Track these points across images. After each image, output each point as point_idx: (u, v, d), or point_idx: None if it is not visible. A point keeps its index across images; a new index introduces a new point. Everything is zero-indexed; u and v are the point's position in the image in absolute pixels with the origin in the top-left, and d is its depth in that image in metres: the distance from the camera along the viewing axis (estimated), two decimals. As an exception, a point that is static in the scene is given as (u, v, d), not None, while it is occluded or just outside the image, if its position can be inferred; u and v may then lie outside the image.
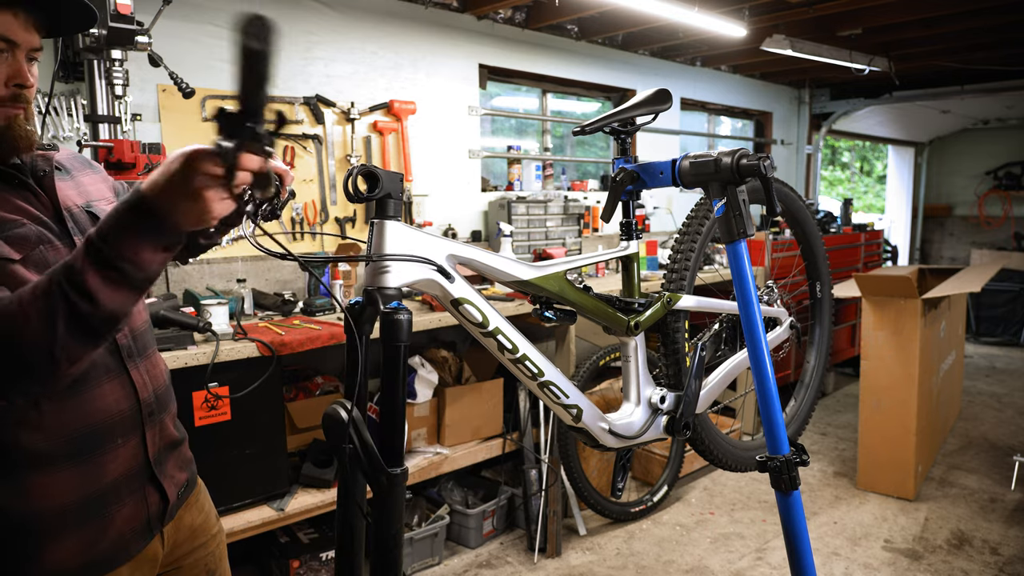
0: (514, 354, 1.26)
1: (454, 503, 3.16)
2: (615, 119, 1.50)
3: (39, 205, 1.05)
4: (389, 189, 1.06)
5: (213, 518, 1.38)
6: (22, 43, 0.99)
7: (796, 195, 1.87)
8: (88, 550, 1.07)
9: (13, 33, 0.97)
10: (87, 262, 0.85)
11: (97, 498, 1.08)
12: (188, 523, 1.29)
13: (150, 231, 0.86)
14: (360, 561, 1.13)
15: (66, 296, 0.84)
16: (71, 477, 1.04)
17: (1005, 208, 8.16)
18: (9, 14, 0.97)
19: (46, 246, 1.01)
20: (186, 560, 1.30)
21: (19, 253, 0.96)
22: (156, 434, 1.17)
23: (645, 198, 4.85)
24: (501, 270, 1.27)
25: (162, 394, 1.20)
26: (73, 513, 1.05)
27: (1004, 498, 3.54)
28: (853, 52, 4.94)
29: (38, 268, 0.97)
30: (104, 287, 0.85)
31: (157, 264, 0.89)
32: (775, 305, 1.87)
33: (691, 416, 1.54)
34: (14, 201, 1.02)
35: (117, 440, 1.09)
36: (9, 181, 1.03)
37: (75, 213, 1.11)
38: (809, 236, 1.96)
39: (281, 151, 3.07)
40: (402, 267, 1.09)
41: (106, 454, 1.08)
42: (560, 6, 3.78)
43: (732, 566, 2.96)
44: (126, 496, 1.12)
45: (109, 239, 0.85)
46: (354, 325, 1.09)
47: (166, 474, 1.20)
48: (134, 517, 1.14)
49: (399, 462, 1.04)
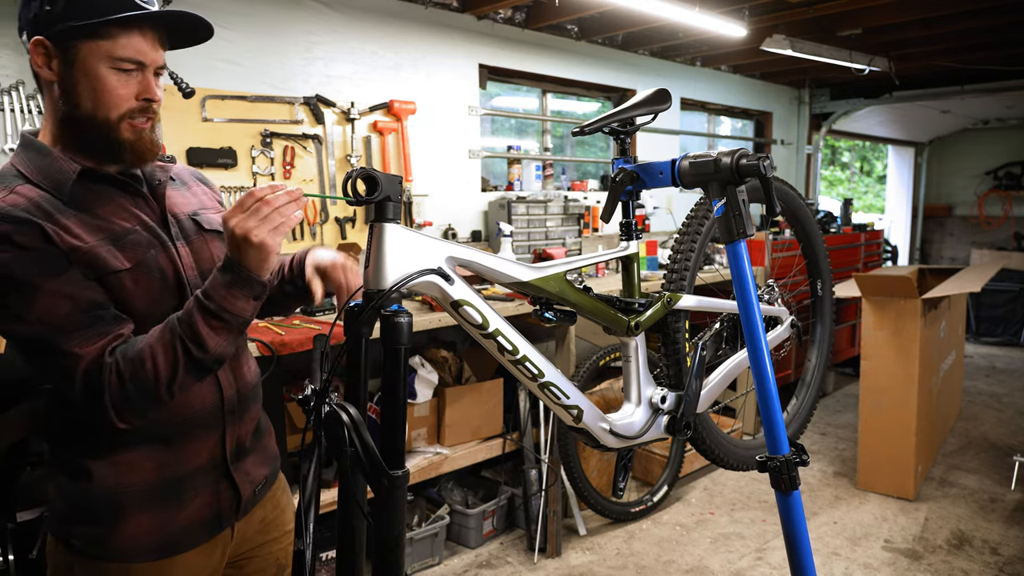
0: (514, 355, 1.26)
1: (454, 503, 3.16)
2: (614, 119, 1.50)
3: (149, 211, 1.18)
4: (388, 192, 1.06)
5: (289, 515, 1.45)
6: (150, 63, 1.10)
7: (796, 194, 1.86)
8: (161, 529, 1.17)
9: (143, 54, 1.08)
10: (198, 315, 1.05)
11: (175, 483, 1.18)
12: (260, 517, 1.36)
13: (239, 283, 1.06)
14: (361, 562, 1.13)
15: (184, 344, 1.05)
16: (156, 458, 1.16)
17: (1005, 208, 8.16)
18: (138, 35, 1.07)
19: (155, 250, 1.15)
20: (257, 553, 1.37)
21: (130, 261, 1.10)
22: (236, 432, 1.26)
23: (645, 198, 4.85)
24: (501, 271, 1.27)
25: (246, 394, 1.30)
26: (153, 492, 1.16)
27: (1004, 498, 3.54)
28: (853, 52, 4.94)
29: (148, 271, 1.12)
30: (212, 334, 1.06)
31: (251, 310, 1.10)
32: (776, 304, 1.87)
33: (692, 416, 1.54)
34: (129, 208, 1.15)
35: (199, 433, 1.20)
36: (126, 189, 1.16)
37: (181, 220, 1.23)
38: (810, 235, 1.95)
39: (281, 151, 3.07)
40: (402, 270, 1.09)
41: (187, 444, 1.19)
42: (560, 6, 3.78)
43: (732, 566, 2.96)
44: (201, 487, 1.22)
45: (212, 296, 1.05)
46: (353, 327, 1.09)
47: (242, 471, 1.28)
48: (206, 507, 1.22)
49: (400, 464, 1.05)
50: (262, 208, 1.04)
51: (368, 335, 1.10)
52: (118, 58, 1.06)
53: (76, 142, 1.11)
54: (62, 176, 1.08)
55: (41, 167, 1.09)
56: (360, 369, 1.11)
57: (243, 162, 2.95)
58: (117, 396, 1.04)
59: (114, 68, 1.06)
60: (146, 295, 1.12)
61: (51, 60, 1.06)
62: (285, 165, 3.07)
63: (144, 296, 1.11)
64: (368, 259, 1.09)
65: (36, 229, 1.02)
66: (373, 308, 1.05)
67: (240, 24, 2.95)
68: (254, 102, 2.98)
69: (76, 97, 1.07)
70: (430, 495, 3.21)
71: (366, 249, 1.10)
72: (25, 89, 2.46)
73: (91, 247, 1.06)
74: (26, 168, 1.09)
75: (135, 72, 1.08)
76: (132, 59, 1.07)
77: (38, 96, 2.47)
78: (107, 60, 1.06)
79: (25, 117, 2.46)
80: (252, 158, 2.98)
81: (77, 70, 1.06)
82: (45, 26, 1.05)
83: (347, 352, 1.10)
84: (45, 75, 1.07)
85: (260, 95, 3.01)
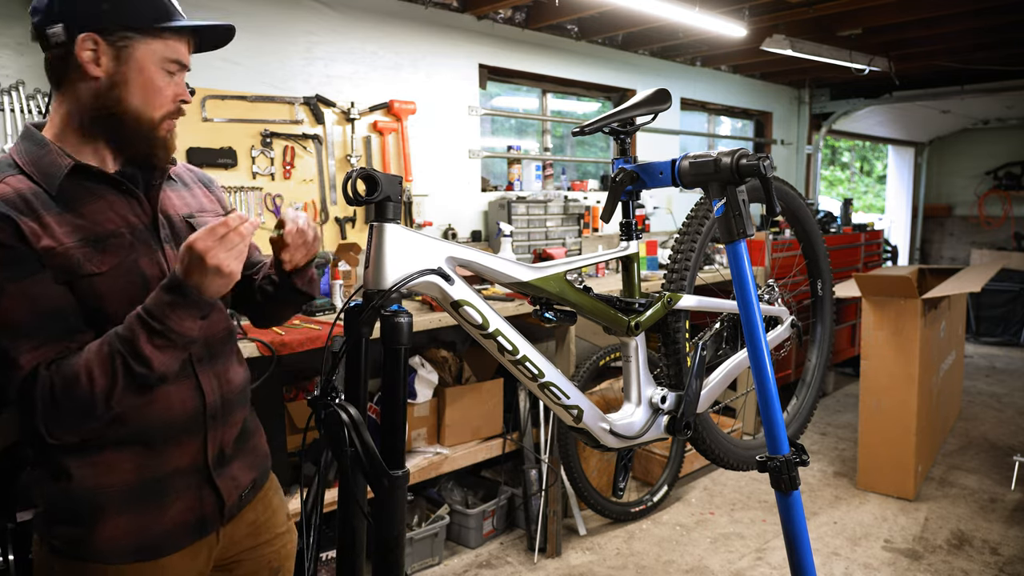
0: (514, 355, 1.26)
1: (454, 503, 3.16)
2: (614, 119, 1.50)
3: (140, 212, 1.17)
4: (388, 192, 1.06)
5: (282, 517, 1.42)
6: (189, 65, 1.17)
7: (797, 193, 1.86)
8: (141, 532, 1.16)
9: (185, 57, 1.16)
10: (142, 333, 1.02)
11: (155, 485, 1.17)
12: (250, 520, 1.34)
13: (187, 305, 1.03)
14: (362, 562, 1.13)
15: (125, 361, 1.02)
16: (135, 460, 1.15)
17: (1005, 208, 8.16)
18: (184, 42, 1.15)
19: (138, 253, 1.14)
20: (248, 556, 1.35)
21: (107, 264, 1.09)
22: (218, 437, 1.24)
23: (645, 198, 4.85)
24: (501, 271, 1.27)
25: (231, 400, 1.28)
26: (132, 494, 1.15)
27: (1004, 498, 3.54)
28: (853, 52, 4.94)
29: (126, 275, 1.11)
30: (157, 353, 1.03)
31: (197, 329, 1.07)
32: (776, 304, 1.87)
33: (692, 416, 1.54)
34: (118, 208, 1.14)
35: (180, 437, 1.19)
36: (119, 188, 1.15)
37: (174, 222, 1.23)
38: (810, 235, 1.95)
39: (281, 151, 3.07)
40: (402, 270, 1.09)
41: (168, 448, 1.18)
42: (560, 6, 3.78)
43: (732, 566, 2.96)
44: (183, 490, 1.20)
45: (157, 315, 1.02)
46: (353, 327, 1.09)
47: (227, 476, 1.27)
48: (188, 511, 1.21)
49: (400, 464, 1.05)
50: (234, 238, 1.03)
51: (368, 335, 1.10)
52: (168, 59, 1.12)
53: (107, 137, 1.13)
54: (54, 169, 1.08)
55: (35, 158, 1.09)
56: (360, 369, 1.11)
57: (243, 162, 2.95)
58: (48, 411, 1.02)
59: (163, 69, 1.12)
60: (123, 298, 1.09)
61: (99, 56, 1.08)
62: (285, 165, 3.07)
63: (120, 299, 1.09)
64: (368, 259, 1.09)
65: (11, 225, 1.01)
66: (373, 308, 1.05)
67: (240, 24, 2.91)
68: (254, 102, 2.98)
69: (124, 93, 1.10)
70: (430, 495, 3.20)
71: (366, 249, 1.10)
72: (25, 89, 2.46)
73: (66, 248, 1.05)
74: (21, 159, 1.10)
75: (176, 74, 1.15)
76: (178, 61, 1.14)
77: (38, 96, 2.47)
78: (159, 61, 1.11)
79: (25, 117, 2.46)
80: (252, 158, 2.98)
81: (131, 67, 1.09)
82: (96, 22, 1.07)
83: (347, 352, 1.10)
84: (91, 70, 1.08)
85: (260, 95, 3.01)
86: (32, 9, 1.10)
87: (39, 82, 2.48)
